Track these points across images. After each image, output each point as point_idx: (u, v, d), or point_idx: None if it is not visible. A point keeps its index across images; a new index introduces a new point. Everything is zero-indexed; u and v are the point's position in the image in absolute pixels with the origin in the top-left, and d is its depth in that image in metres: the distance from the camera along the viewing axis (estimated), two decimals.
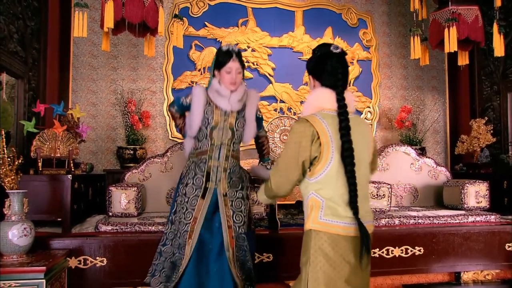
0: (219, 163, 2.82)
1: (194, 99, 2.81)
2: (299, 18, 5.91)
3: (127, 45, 5.44)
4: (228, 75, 2.72)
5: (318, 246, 1.82)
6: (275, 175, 1.98)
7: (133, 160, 5.02)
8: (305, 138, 1.85)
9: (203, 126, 2.80)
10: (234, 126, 2.82)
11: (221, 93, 2.75)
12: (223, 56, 2.74)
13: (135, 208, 3.77)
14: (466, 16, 4.22)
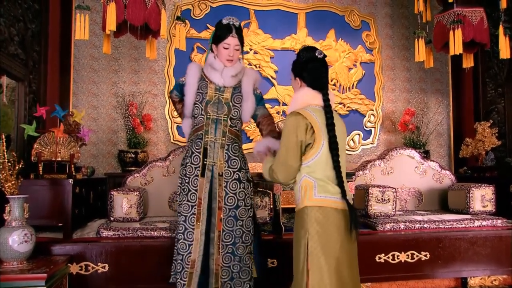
0: (215, 139, 2.72)
1: (188, 74, 2.77)
2: (302, 20, 5.87)
3: (129, 47, 5.40)
4: (225, 50, 2.64)
5: (315, 218, 2.10)
6: (279, 168, 2.19)
7: (134, 163, 4.98)
8: (299, 127, 2.12)
9: (198, 102, 2.73)
10: (230, 101, 2.72)
11: (214, 66, 2.68)
12: (222, 30, 2.65)
13: (137, 213, 3.73)
14: (471, 18, 4.18)
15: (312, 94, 2.22)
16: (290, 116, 2.18)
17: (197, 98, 2.73)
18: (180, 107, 2.97)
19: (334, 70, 5.85)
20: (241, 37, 2.70)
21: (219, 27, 2.68)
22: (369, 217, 3.86)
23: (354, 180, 4.14)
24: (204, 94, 2.72)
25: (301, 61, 2.27)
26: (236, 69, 2.71)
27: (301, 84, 2.28)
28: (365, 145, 5.90)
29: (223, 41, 2.63)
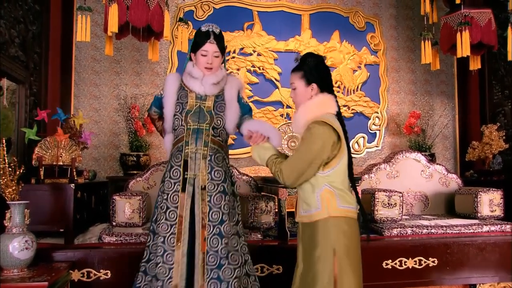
0: (196, 149, 2.49)
1: (166, 85, 2.60)
2: (306, 22, 5.82)
3: (130, 49, 5.36)
4: (203, 58, 2.48)
5: (342, 230, 2.07)
6: (291, 174, 2.10)
7: (136, 167, 4.93)
8: (327, 141, 2.04)
9: (178, 112, 2.52)
10: (212, 110, 2.53)
11: (193, 74, 2.52)
12: (200, 37, 2.50)
13: (139, 218, 3.67)
14: (479, 19, 4.13)
15: (330, 100, 2.17)
16: (317, 126, 2.06)
17: (177, 109, 2.53)
18: (160, 124, 2.75)
19: (339, 72, 5.80)
20: (221, 44, 2.54)
21: (198, 34, 2.53)
22: (375, 222, 3.81)
23: (360, 184, 4.09)
24: (184, 104, 2.52)
25: (313, 66, 2.18)
26: (217, 76, 2.55)
27: (316, 91, 2.18)
28: (369, 148, 5.85)
29: (201, 48, 2.48)
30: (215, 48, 2.49)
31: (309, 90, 2.18)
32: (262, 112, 5.57)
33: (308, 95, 2.18)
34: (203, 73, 2.51)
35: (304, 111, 2.16)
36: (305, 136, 2.09)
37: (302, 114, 2.16)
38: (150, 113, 2.77)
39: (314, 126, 2.06)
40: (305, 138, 2.08)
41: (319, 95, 2.17)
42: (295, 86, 2.21)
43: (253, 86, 5.56)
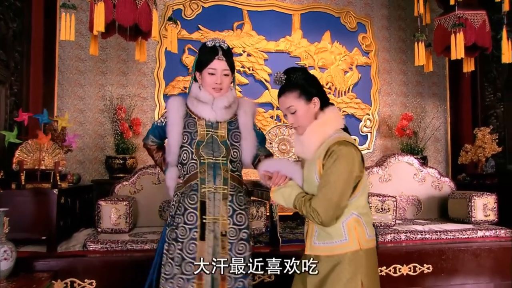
0: (216, 188, 2.18)
1: (169, 111, 2.28)
2: (297, 22, 5.75)
3: (116, 48, 5.24)
4: (211, 77, 2.20)
5: (372, 262, 1.90)
6: (325, 208, 1.80)
7: (122, 170, 4.81)
8: (356, 163, 1.83)
9: (186, 144, 2.22)
10: (227, 139, 2.25)
11: (202, 98, 2.22)
12: (206, 54, 2.21)
13: (126, 224, 3.58)
14: (473, 21, 4.11)
15: (337, 114, 1.98)
16: (342, 148, 1.81)
17: (184, 140, 2.22)
18: (159, 155, 2.46)
19: (330, 73, 5.74)
20: (231, 61, 2.25)
21: (203, 51, 2.25)
22: None
23: None
24: (193, 134, 2.22)
25: (304, 79, 1.95)
26: (228, 98, 2.25)
27: (318, 105, 1.96)
28: (361, 150, 5.79)
29: (208, 65, 2.19)
30: (225, 66, 2.21)
31: (311, 106, 1.93)
32: None
33: (312, 113, 1.94)
34: (211, 94, 2.22)
35: (315, 133, 1.91)
36: (330, 163, 1.81)
37: (313, 138, 1.90)
38: (147, 143, 2.47)
39: (339, 149, 1.81)
40: (333, 166, 1.81)
41: (326, 111, 1.95)
42: (294, 109, 1.93)
43: (242, 87, 5.47)
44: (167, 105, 2.35)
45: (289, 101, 1.93)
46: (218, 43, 2.23)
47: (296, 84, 1.93)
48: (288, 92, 1.93)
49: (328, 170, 1.82)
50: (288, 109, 1.95)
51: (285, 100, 1.95)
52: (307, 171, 1.94)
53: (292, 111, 1.94)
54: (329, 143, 1.85)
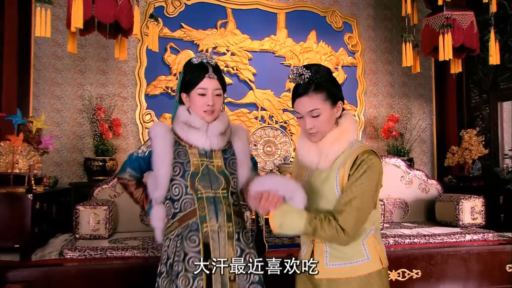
0: (219, 226, 1.89)
1: (154, 139, 1.96)
2: (282, 21, 5.68)
3: (96, 46, 5.08)
4: (201, 98, 1.92)
5: (388, 281, 1.78)
6: (353, 224, 1.61)
7: (102, 172, 4.67)
8: (381, 174, 1.71)
9: (178, 176, 1.91)
10: (225, 169, 1.97)
11: (193, 124, 1.95)
12: (194, 72, 1.93)
13: (105, 229, 3.44)
14: (461, 22, 4.09)
15: (355, 120, 1.83)
16: (371, 156, 1.65)
17: (175, 171, 1.92)
18: (139, 192, 2.09)
19: None
20: (222, 79, 1.99)
21: (189, 69, 1.96)
22: None
23: None
24: (186, 164, 1.93)
25: (331, 79, 1.74)
26: (223, 123, 1.99)
27: (341, 111, 1.77)
28: None
29: (197, 85, 1.92)
30: (216, 85, 1.94)
31: (335, 111, 1.74)
32: (235, 115, 5.39)
33: (334, 119, 1.75)
34: (203, 118, 1.95)
35: (339, 141, 1.72)
36: (359, 174, 1.63)
37: (336, 146, 1.72)
38: (124, 178, 2.07)
39: (369, 159, 1.64)
40: (362, 177, 1.62)
41: (345, 117, 1.78)
42: (318, 113, 1.69)
43: (226, 87, 5.36)
44: (150, 132, 2.00)
45: (314, 103, 1.68)
46: (206, 59, 1.96)
47: (323, 84, 1.69)
48: (314, 93, 1.68)
49: (357, 181, 1.63)
50: (311, 112, 1.69)
51: (308, 102, 1.69)
52: (320, 183, 1.74)
53: (315, 115, 1.70)
54: (356, 152, 1.68)
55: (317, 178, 1.76)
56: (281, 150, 5.17)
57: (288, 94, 5.57)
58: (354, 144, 1.73)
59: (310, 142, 1.77)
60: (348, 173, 1.66)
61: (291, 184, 1.69)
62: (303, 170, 1.85)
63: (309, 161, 1.77)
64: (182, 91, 1.99)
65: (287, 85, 5.57)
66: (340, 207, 1.64)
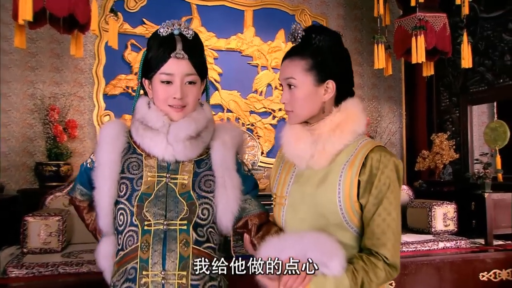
0: (165, 276, 1.36)
1: (99, 147, 1.48)
2: (249, 19, 5.54)
3: (49, 40, 4.78)
4: (165, 87, 1.42)
5: None
6: (397, 251, 1.30)
7: (55, 178, 4.39)
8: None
9: (123, 198, 1.42)
10: (191, 190, 1.43)
11: (151, 123, 1.44)
12: (157, 48, 1.43)
13: (58, 242, 3.21)
14: (434, 24, 4.07)
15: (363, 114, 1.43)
16: (389, 156, 1.32)
17: (121, 191, 1.43)
18: (91, 218, 1.62)
19: None
20: (199, 59, 1.47)
21: (153, 43, 1.46)
22: None
23: None
24: (136, 182, 1.43)
25: (328, 49, 1.37)
26: (196, 123, 1.46)
27: (333, 93, 1.38)
28: None
29: (160, 68, 1.42)
30: (188, 68, 1.42)
31: (320, 92, 1.37)
32: None
33: (318, 101, 1.37)
34: (169, 116, 1.45)
35: (343, 132, 1.35)
36: (386, 184, 1.29)
37: (339, 139, 1.35)
38: (74, 197, 1.61)
39: (389, 160, 1.31)
40: (390, 188, 1.29)
41: (352, 100, 1.41)
42: (294, 83, 1.36)
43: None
44: (100, 132, 1.57)
45: (292, 69, 1.37)
46: (177, 29, 1.43)
47: (313, 50, 1.36)
48: (297, 57, 1.37)
49: (385, 199, 1.28)
50: (287, 80, 1.38)
51: (287, 66, 1.39)
52: (312, 187, 1.36)
53: (289, 83, 1.38)
54: (365, 148, 1.34)
55: (308, 180, 1.38)
56: (249, 155, 5.02)
57: (255, 96, 5.44)
58: (361, 138, 1.38)
59: (302, 128, 1.40)
60: (357, 178, 1.30)
61: (325, 244, 1.23)
62: (287, 170, 1.47)
63: (297, 155, 1.39)
64: (144, 75, 1.50)
65: (254, 86, 5.45)
66: (374, 240, 1.27)
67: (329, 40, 1.39)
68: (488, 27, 4.79)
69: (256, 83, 5.46)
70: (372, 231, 1.29)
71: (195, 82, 1.45)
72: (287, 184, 1.45)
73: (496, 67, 4.70)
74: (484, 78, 4.85)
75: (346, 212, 1.32)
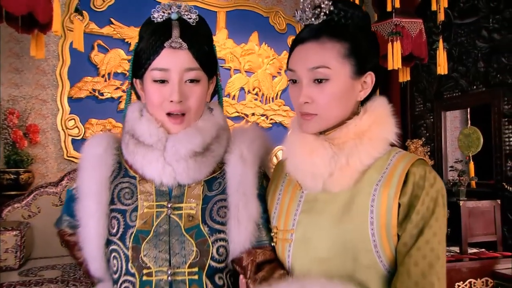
0: None
1: (80, 172, 1.18)
2: (222, 20, 5.41)
3: (7, 39, 4.52)
4: (158, 88, 1.13)
5: None
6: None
7: (15, 187, 4.13)
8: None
9: (115, 238, 1.13)
10: (201, 223, 1.12)
11: (142, 137, 1.14)
12: (150, 37, 1.14)
13: (15, 259, 3.02)
14: (410, 29, 4.01)
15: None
16: (433, 173, 1.03)
17: (113, 228, 1.14)
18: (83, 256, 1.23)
19: (257, 78, 5.48)
20: (204, 49, 1.17)
21: (145, 31, 1.18)
22: None
23: None
24: (129, 215, 1.13)
25: (364, 29, 1.10)
26: (203, 133, 1.15)
27: (369, 90, 1.10)
28: None
29: (152, 62, 1.13)
30: (189, 61, 1.12)
31: (357, 87, 1.07)
32: None
33: (352, 100, 1.08)
34: (166, 128, 1.15)
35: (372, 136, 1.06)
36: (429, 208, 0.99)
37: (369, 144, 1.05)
38: (62, 230, 1.32)
39: (433, 177, 1.02)
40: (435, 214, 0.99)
41: (379, 100, 1.14)
42: (328, 74, 1.03)
43: None
44: (83, 148, 1.24)
45: (322, 56, 1.03)
46: (175, 12, 1.15)
47: (351, 30, 1.05)
48: (331, 38, 1.03)
49: (427, 229, 0.98)
50: (315, 71, 1.03)
51: (316, 50, 1.03)
52: (333, 217, 1.03)
53: (319, 77, 1.03)
54: (403, 162, 1.03)
55: (324, 208, 1.05)
56: None
57: (228, 100, 5.31)
58: (393, 150, 1.09)
59: (315, 137, 1.07)
60: (397, 201, 0.99)
61: None
62: (291, 194, 1.14)
63: (311, 173, 1.05)
64: (134, 74, 1.21)
65: (226, 90, 5.32)
66: (411, 285, 0.96)
67: (363, 19, 1.07)
68: (462, 33, 4.80)
69: (228, 87, 5.33)
70: (407, 272, 0.96)
71: (198, 79, 1.14)
72: (292, 213, 1.10)
73: (470, 73, 4.71)
74: (458, 84, 4.86)
75: (382, 249, 0.99)
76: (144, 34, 1.17)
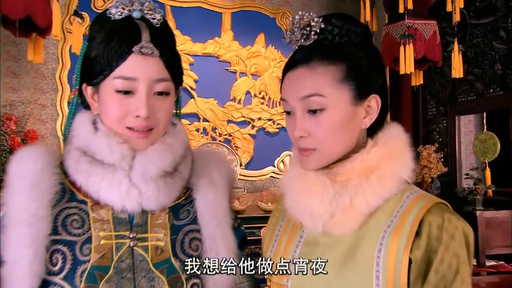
0: None
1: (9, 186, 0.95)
2: (227, 22, 5.33)
3: (4, 41, 4.44)
4: (122, 100, 0.97)
5: None
6: None
7: None
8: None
9: (58, 278, 0.92)
10: (172, 257, 0.99)
11: (101, 155, 0.96)
12: (110, 37, 0.97)
13: None
14: (423, 31, 3.92)
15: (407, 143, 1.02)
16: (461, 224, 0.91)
17: (53, 265, 0.92)
18: None
19: (263, 81, 5.39)
20: (174, 55, 1.04)
21: (100, 30, 1.01)
22: None
23: None
24: (80, 248, 0.95)
25: (375, 52, 1.01)
26: (173, 150, 1.02)
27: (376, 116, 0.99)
28: None
29: (115, 68, 0.96)
30: (158, 70, 0.98)
31: (360, 113, 0.96)
32: None
33: (355, 129, 0.96)
34: (131, 145, 0.99)
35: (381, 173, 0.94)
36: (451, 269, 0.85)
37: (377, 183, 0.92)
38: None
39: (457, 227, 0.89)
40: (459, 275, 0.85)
41: (393, 128, 1.03)
42: (323, 103, 0.92)
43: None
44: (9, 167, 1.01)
45: (315, 83, 0.92)
46: (137, 10, 0.99)
47: (346, 49, 0.94)
48: (322, 61, 0.92)
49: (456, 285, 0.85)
50: (308, 100, 0.92)
51: (307, 77, 0.93)
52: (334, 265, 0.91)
53: (314, 108, 0.92)
54: (417, 207, 0.90)
55: (325, 252, 0.94)
56: None
57: (233, 104, 5.23)
58: (407, 190, 0.95)
59: (316, 172, 0.95)
60: (407, 255, 0.86)
61: None
62: (290, 231, 1.04)
63: (309, 213, 0.94)
64: (84, 80, 1.04)
65: (232, 94, 5.24)
66: None
67: (361, 34, 0.95)
68: (478, 34, 4.69)
69: (234, 91, 5.25)
70: None
71: (168, 92, 1.00)
72: (290, 254, 0.99)
73: (486, 76, 4.59)
74: (474, 87, 4.75)
75: None
76: (98, 34, 1.00)
